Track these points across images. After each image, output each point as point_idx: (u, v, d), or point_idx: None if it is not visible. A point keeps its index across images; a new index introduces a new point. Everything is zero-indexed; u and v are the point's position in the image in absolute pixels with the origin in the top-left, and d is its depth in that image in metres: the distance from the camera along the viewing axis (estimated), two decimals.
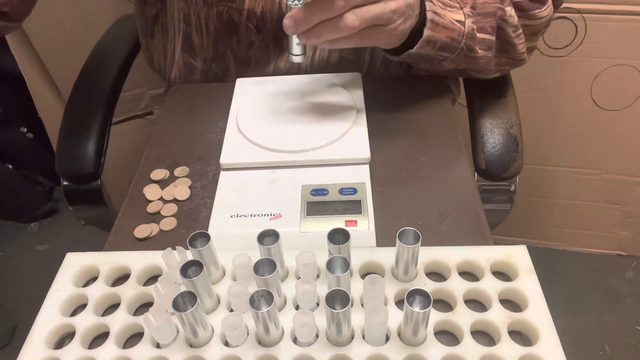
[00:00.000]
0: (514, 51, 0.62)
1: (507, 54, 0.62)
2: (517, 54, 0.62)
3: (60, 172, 0.68)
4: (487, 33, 0.58)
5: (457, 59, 0.59)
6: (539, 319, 0.42)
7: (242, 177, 0.55)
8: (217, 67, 0.73)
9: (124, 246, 0.52)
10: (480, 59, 0.59)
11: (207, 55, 0.72)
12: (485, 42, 0.59)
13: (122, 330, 0.43)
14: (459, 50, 0.57)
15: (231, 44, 0.70)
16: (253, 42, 0.69)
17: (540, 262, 1.35)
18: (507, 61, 0.64)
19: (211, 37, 0.70)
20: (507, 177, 0.64)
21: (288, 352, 0.41)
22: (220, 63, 0.72)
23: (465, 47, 0.57)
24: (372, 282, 0.41)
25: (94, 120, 0.70)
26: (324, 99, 0.63)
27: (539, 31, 0.63)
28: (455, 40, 0.56)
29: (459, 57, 0.58)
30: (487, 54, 0.59)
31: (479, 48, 0.58)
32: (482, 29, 0.58)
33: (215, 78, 0.74)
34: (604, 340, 1.22)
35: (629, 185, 1.26)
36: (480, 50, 0.58)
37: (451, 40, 0.56)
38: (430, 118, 0.65)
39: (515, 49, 0.61)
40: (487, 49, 0.59)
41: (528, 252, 0.47)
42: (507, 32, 0.59)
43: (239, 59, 0.71)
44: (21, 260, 1.49)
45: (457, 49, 0.57)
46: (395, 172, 0.57)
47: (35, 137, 1.49)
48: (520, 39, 0.61)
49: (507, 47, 0.61)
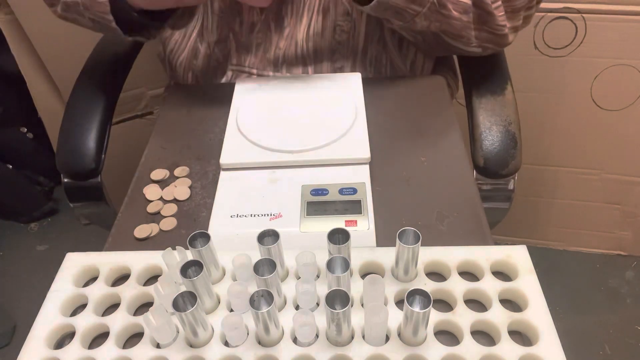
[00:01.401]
0: (492, 21, 0.61)
1: (487, 25, 0.62)
2: (496, 25, 0.62)
3: (60, 168, 0.68)
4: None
5: (429, 14, 0.58)
6: (539, 319, 0.42)
7: (242, 177, 0.55)
8: (219, 51, 0.73)
9: (124, 246, 0.52)
10: (455, 20, 0.59)
11: (212, 39, 0.73)
12: (460, 4, 0.58)
13: (122, 330, 0.43)
14: (430, 4, 0.57)
15: (234, 26, 0.71)
16: (255, 23, 0.70)
17: (540, 262, 1.35)
18: (488, 36, 0.63)
19: (215, 18, 0.71)
20: (506, 174, 0.64)
21: (288, 352, 0.41)
22: (222, 47, 0.73)
23: (436, 1, 0.56)
24: (372, 282, 0.41)
25: (94, 120, 0.70)
26: (324, 99, 0.63)
27: (519, 9, 0.62)
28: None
29: (432, 14, 0.58)
30: (462, 17, 0.59)
31: (453, 9, 0.58)
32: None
33: (216, 63, 0.75)
34: (604, 340, 1.22)
35: (629, 185, 1.26)
36: (454, 12, 0.58)
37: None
38: (430, 118, 0.65)
39: (494, 18, 0.61)
40: (462, 12, 0.59)
41: (528, 252, 0.47)
42: (484, 1, 0.59)
43: (241, 43, 0.72)
44: (21, 260, 1.49)
45: (428, 2, 0.57)
46: (395, 172, 0.57)
47: (35, 137, 1.49)
48: (500, 10, 0.61)
49: (485, 16, 0.61)
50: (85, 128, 0.69)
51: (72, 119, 0.71)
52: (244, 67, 0.73)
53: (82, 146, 0.68)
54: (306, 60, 0.71)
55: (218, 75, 0.75)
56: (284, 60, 0.71)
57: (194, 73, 0.76)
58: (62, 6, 0.64)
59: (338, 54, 0.71)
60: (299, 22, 0.69)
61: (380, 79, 0.72)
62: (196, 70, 0.76)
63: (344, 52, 0.71)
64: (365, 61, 0.72)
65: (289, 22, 0.69)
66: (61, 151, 0.69)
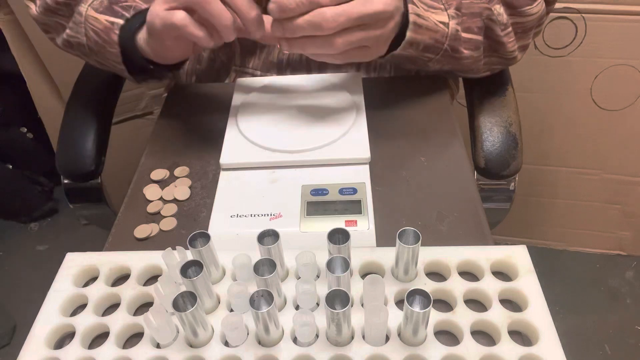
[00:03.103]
0: (503, 50, 0.62)
1: (497, 53, 0.62)
2: (507, 52, 0.62)
3: (60, 170, 0.68)
4: (473, 33, 0.58)
5: (441, 59, 0.59)
6: (539, 319, 0.42)
7: (242, 177, 0.55)
8: (224, 55, 0.73)
9: (124, 246, 0.52)
10: (466, 59, 0.60)
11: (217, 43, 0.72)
12: (472, 42, 0.59)
13: (122, 330, 0.43)
14: (443, 51, 0.57)
15: None
16: None
17: (540, 262, 1.35)
18: (498, 60, 0.64)
19: None
20: (507, 175, 0.64)
21: (288, 352, 0.41)
22: (227, 51, 0.73)
23: (449, 48, 0.57)
24: (372, 282, 0.41)
25: (94, 120, 0.70)
26: (324, 99, 0.63)
27: (530, 28, 0.63)
28: (439, 42, 0.57)
29: (444, 58, 0.59)
30: (474, 54, 0.60)
31: (464, 48, 0.58)
32: (468, 29, 0.58)
33: (220, 66, 0.74)
34: (604, 340, 1.22)
35: (629, 185, 1.26)
36: (465, 51, 0.59)
37: (434, 42, 0.56)
38: (430, 118, 0.65)
39: (504, 47, 0.61)
40: (473, 49, 0.59)
41: (528, 252, 0.47)
42: (495, 32, 0.59)
43: (245, 46, 0.72)
44: (21, 260, 1.49)
45: (441, 50, 0.57)
46: (395, 172, 0.57)
47: (35, 137, 1.49)
48: (510, 37, 0.61)
49: (496, 46, 0.61)
50: (85, 129, 0.69)
51: (72, 120, 0.71)
52: (248, 68, 0.73)
53: (81, 148, 0.68)
54: (310, 65, 0.71)
55: (221, 77, 0.75)
56: (288, 64, 0.71)
57: (198, 77, 0.76)
58: (64, 43, 0.63)
59: None
60: None
61: (380, 79, 0.72)
62: (200, 75, 0.76)
63: None
64: (370, 67, 0.72)
65: None
66: (61, 152, 0.69)
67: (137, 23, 0.56)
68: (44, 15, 0.62)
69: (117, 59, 0.57)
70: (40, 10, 0.62)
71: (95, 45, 0.58)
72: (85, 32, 0.58)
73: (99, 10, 0.57)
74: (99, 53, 0.59)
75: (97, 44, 0.58)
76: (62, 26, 0.62)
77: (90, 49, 0.59)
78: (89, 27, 0.58)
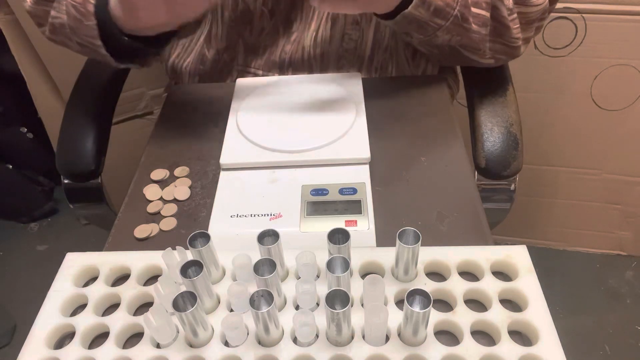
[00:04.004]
0: (508, 34, 0.61)
1: (502, 37, 0.62)
2: (511, 38, 0.62)
3: (60, 170, 0.68)
4: (481, 8, 0.58)
5: (451, 28, 0.58)
6: (539, 319, 0.42)
7: (242, 177, 0.55)
8: (228, 56, 0.73)
9: (124, 246, 0.52)
10: (474, 33, 0.59)
11: (220, 46, 0.72)
12: (480, 17, 0.59)
13: (122, 330, 0.43)
14: (453, 17, 0.57)
15: (244, 33, 0.71)
16: (264, 27, 0.70)
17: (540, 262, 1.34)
18: (502, 48, 0.64)
19: (225, 27, 0.70)
20: (507, 175, 0.64)
21: (288, 352, 0.41)
22: (231, 52, 0.73)
23: (459, 14, 0.57)
24: (372, 282, 0.41)
25: (94, 120, 0.70)
26: (324, 99, 0.63)
27: (533, 20, 0.63)
28: (450, 6, 0.56)
29: (453, 27, 0.58)
30: (481, 30, 0.59)
31: (473, 22, 0.58)
32: (477, 4, 0.58)
33: (223, 66, 0.74)
34: (604, 340, 1.22)
35: (629, 185, 1.26)
36: (474, 25, 0.58)
37: (445, 5, 0.56)
38: (430, 118, 0.65)
39: (509, 31, 0.61)
40: (481, 25, 0.59)
41: (528, 252, 0.47)
42: (501, 12, 0.59)
43: (249, 45, 0.72)
44: (21, 260, 1.49)
45: (451, 16, 0.57)
46: (395, 172, 0.57)
47: (35, 137, 1.49)
48: (515, 23, 0.61)
49: (501, 29, 0.61)
50: (85, 129, 0.69)
51: (72, 120, 0.71)
52: (250, 68, 0.73)
53: (81, 147, 0.68)
54: (312, 64, 0.71)
55: (224, 77, 0.75)
56: (290, 64, 0.71)
57: (201, 78, 0.76)
58: (50, 28, 0.61)
59: (344, 60, 0.71)
60: (308, 28, 0.68)
61: (380, 79, 0.72)
62: (203, 75, 0.76)
63: (351, 58, 0.71)
64: (371, 68, 0.72)
65: (298, 27, 0.69)
66: (61, 152, 0.69)
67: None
68: (36, 5, 0.61)
69: (93, 33, 0.54)
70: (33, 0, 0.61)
71: (74, 21, 0.55)
72: (66, 9, 0.56)
73: None
74: (78, 30, 0.56)
75: (75, 19, 0.55)
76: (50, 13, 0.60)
77: (70, 27, 0.57)
78: (68, 4, 0.55)
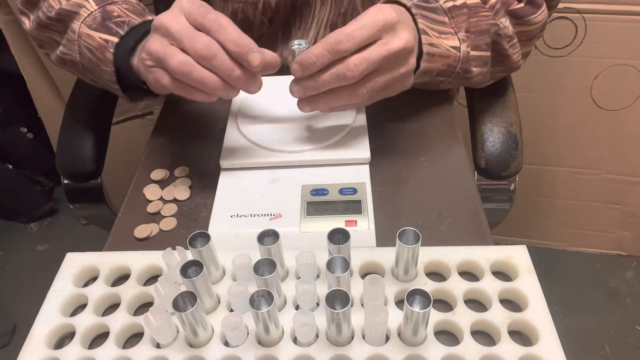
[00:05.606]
0: (508, 62, 0.62)
1: (502, 64, 0.62)
2: (511, 63, 0.62)
3: (60, 170, 0.68)
4: (482, 50, 0.58)
5: (453, 81, 0.59)
6: (539, 319, 0.42)
7: (242, 177, 0.55)
8: None
9: (124, 246, 0.52)
10: (476, 76, 0.59)
11: None
12: (481, 58, 0.59)
13: (122, 330, 0.43)
14: (455, 74, 0.57)
15: None
16: (263, 34, 0.69)
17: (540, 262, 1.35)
18: (502, 69, 0.64)
19: None
20: (507, 175, 0.64)
21: (288, 352, 0.41)
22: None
23: (461, 70, 0.57)
24: (372, 282, 0.41)
25: (94, 120, 0.70)
26: None
27: (534, 36, 0.63)
28: (452, 66, 0.56)
29: (455, 79, 0.59)
30: (483, 70, 0.60)
31: (474, 66, 0.58)
32: (477, 47, 0.58)
33: None
34: (604, 340, 1.22)
35: (629, 185, 1.26)
36: (475, 69, 0.59)
37: (447, 67, 0.56)
38: (430, 118, 0.65)
39: (510, 59, 0.61)
40: (482, 65, 0.59)
41: (528, 252, 0.47)
42: (501, 45, 0.59)
43: None
44: (21, 260, 1.49)
45: (453, 73, 0.57)
46: (395, 172, 0.57)
47: (35, 137, 1.49)
48: (515, 48, 0.61)
49: (501, 58, 0.61)
50: (85, 129, 0.69)
51: (72, 120, 0.71)
52: None
53: (81, 148, 0.68)
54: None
55: None
56: (288, 69, 0.71)
57: None
58: (58, 60, 0.61)
59: None
60: (306, 35, 0.68)
61: None
62: None
63: None
64: None
65: (296, 33, 0.69)
66: (61, 153, 0.68)
67: (131, 41, 0.54)
68: (37, 31, 0.61)
69: (111, 77, 0.56)
70: (34, 25, 0.61)
71: (89, 63, 0.57)
72: (79, 49, 0.57)
73: (92, 27, 0.56)
74: (93, 71, 0.58)
75: (90, 61, 0.56)
76: (56, 42, 0.60)
77: (84, 66, 0.58)
78: (82, 45, 0.56)
